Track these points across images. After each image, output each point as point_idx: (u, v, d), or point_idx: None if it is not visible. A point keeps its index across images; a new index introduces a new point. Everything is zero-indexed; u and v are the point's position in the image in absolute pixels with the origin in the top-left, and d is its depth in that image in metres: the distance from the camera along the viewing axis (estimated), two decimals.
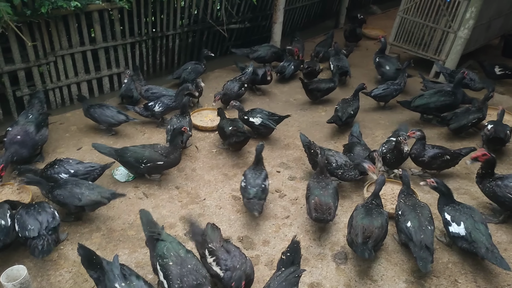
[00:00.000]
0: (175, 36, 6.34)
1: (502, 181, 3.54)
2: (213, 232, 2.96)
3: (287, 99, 6.03)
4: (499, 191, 3.54)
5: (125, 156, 3.92)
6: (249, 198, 3.60)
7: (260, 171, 3.80)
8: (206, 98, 5.83)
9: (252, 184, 3.66)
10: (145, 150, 3.95)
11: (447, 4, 6.26)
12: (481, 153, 3.65)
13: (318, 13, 9.35)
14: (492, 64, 6.69)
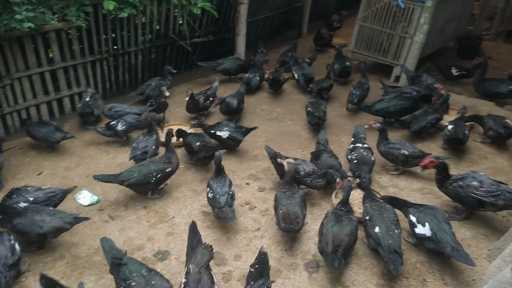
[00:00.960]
0: (137, 53, 6.27)
1: (463, 181, 3.66)
2: (202, 256, 2.85)
3: (254, 110, 6.06)
4: (462, 191, 3.65)
5: (132, 178, 3.83)
6: (221, 207, 3.58)
7: (224, 178, 3.81)
8: (172, 114, 5.77)
9: (220, 193, 3.66)
10: (149, 165, 3.95)
11: (402, 11, 6.50)
12: (428, 160, 3.77)
13: (281, 23, 9.51)
14: (448, 66, 6.99)
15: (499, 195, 3.49)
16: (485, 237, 3.67)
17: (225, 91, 6.61)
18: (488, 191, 3.52)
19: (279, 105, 6.24)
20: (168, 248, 3.52)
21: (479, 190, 3.55)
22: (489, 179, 3.65)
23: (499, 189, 3.52)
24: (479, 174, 3.74)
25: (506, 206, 3.51)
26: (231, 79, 6.97)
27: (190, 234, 3.11)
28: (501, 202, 3.49)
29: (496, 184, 3.60)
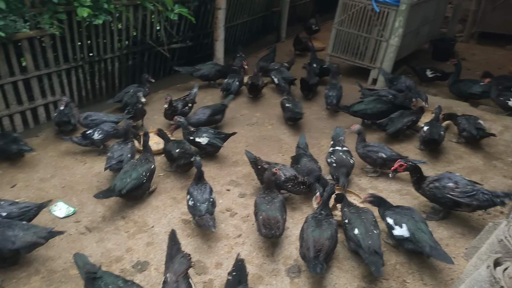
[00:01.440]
0: (114, 59, 6.18)
1: (439, 182, 3.73)
2: (180, 265, 2.81)
3: (233, 115, 6.04)
4: (438, 192, 3.72)
5: (128, 184, 3.82)
6: (202, 215, 3.55)
7: (204, 185, 3.78)
8: (151, 121, 5.70)
9: (201, 201, 3.63)
10: (135, 167, 3.99)
11: (378, 15, 6.62)
12: (397, 164, 3.82)
13: (259, 28, 9.54)
14: (423, 68, 7.14)
15: (474, 196, 3.56)
16: (462, 236, 3.74)
17: (205, 96, 6.60)
18: (464, 191, 3.60)
19: (259, 110, 6.24)
20: (147, 258, 3.46)
21: (454, 191, 3.62)
22: (464, 180, 3.72)
23: (474, 190, 3.59)
24: (455, 174, 3.81)
25: (480, 206, 3.58)
26: (210, 84, 6.94)
27: (170, 243, 3.07)
28: (475, 202, 3.57)
29: (471, 184, 3.68)
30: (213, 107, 5.44)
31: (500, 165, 4.77)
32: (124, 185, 3.81)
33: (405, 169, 3.85)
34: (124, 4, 5.75)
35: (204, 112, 5.34)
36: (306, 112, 6.17)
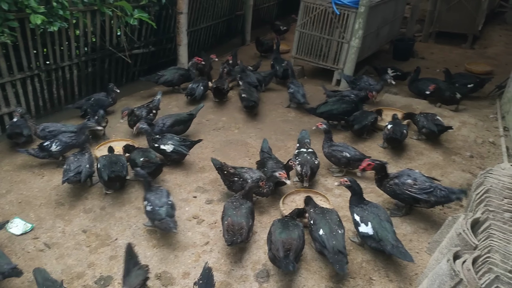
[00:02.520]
0: (72, 67, 5.97)
1: (398, 179, 3.82)
2: (136, 277, 2.76)
3: (199, 120, 5.96)
4: (398, 189, 3.81)
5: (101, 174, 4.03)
6: (162, 219, 3.51)
7: (160, 190, 3.74)
8: (113, 129, 5.54)
9: (159, 204, 3.59)
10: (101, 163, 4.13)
11: (338, 17, 6.74)
12: (366, 163, 3.90)
13: (224, 32, 9.51)
14: (384, 67, 7.31)
15: (432, 192, 3.68)
16: (425, 231, 3.84)
17: (169, 102, 6.50)
18: (422, 188, 3.70)
19: (225, 114, 6.20)
20: (111, 273, 3.34)
21: (413, 187, 3.72)
22: (423, 176, 3.83)
23: (431, 186, 3.71)
24: (414, 171, 3.92)
25: (438, 202, 3.71)
26: (174, 90, 6.83)
27: (126, 257, 2.97)
28: (433, 198, 3.68)
29: (429, 181, 3.79)
30: (176, 117, 5.28)
31: (459, 159, 4.95)
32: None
33: (373, 168, 3.93)
34: (80, 10, 5.57)
35: (164, 122, 5.20)
36: (272, 115, 6.21)
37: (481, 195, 3.32)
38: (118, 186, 4.25)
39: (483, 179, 3.54)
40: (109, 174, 3.99)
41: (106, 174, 3.99)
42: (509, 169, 3.67)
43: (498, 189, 3.34)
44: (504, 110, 6.02)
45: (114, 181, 4.12)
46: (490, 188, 3.34)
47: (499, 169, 3.70)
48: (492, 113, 6.11)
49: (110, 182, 4.10)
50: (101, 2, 5.67)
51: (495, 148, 5.15)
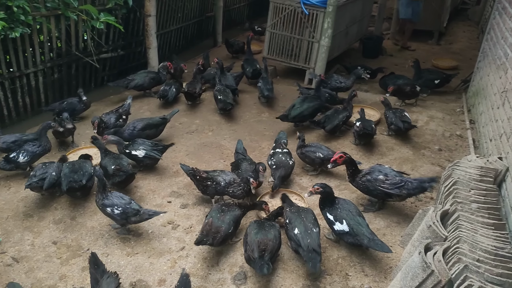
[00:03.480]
0: (37, 73, 5.77)
1: (370, 175, 3.89)
2: (107, 286, 2.70)
3: (172, 124, 5.87)
4: (370, 185, 3.88)
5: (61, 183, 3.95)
6: (138, 212, 3.55)
7: (113, 192, 3.73)
8: (83, 136, 5.39)
9: (127, 202, 3.62)
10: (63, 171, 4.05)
11: (307, 17, 6.80)
12: (338, 155, 3.93)
13: (195, 34, 9.43)
14: (355, 65, 7.44)
15: (403, 186, 3.76)
16: (398, 224, 3.92)
17: (141, 106, 6.38)
18: (393, 183, 3.78)
19: (198, 117, 6.15)
20: (83, 284, 3.24)
21: (385, 183, 3.79)
22: (393, 171, 3.91)
23: (402, 180, 3.79)
24: (384, 166, 4.00)
25: (409, 194, 3.79)
26: (146, 93, 6.72)
27: (92, 267, 2.90)
28: (405, 191, 3.77)
29: (399, 175, 3.88)
30: (148, 121, 5.18)
31: (428, 153, 5.08)
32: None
33: (344, 161, 3.95)
34: (43, 15, 5.39)
35: (135, 125, 5.09)
36: (246, 116, 6.20)
37: (449, 187, 3.42)
38: (80, 195, 4.12)
39: (450, 171, 3.65)
40: (66, 184, 3.88)
41: (65, 184, 3.88)
42: (475, 161, 3.81)
43: (465, 180, 3.45)
44: (470, 104, 6.23)
45: (74, 191, 4.00)
46: (457, 180, 3.45)
47: (466, 161, 3.83)
48: (459, 106, 6.31)
49: (69, 192, 3.99)
50: (65, 7, 5.51)
51: (462, 141, 5.31)
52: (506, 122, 3.99)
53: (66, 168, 4.06)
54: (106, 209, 3.60)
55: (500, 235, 2.88)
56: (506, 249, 2.75)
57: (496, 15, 5.98)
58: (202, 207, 4.19)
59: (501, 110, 4.32)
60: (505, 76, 4.47)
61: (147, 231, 3.82)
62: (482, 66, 6.06)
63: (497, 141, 4.17)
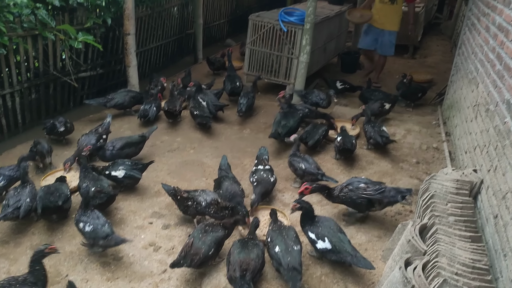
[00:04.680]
0: (13, 94, 5.67)
1: (351, 185, 3.96)
2: None
3: (153, 142, 5.84)
4: (354, 194, 3.94)
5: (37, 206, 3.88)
6: (108, 235, 3.50)
7: (93, 212, 3.69)
8: (61, 158, 5.28)
9: (101, 223, 3.58)
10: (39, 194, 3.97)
11: (286, 34, 6.93)
12: (303, 187, 3.89)
13: (175, 51, 9.46)
14: (334, 80, 7.59)
15: (384, 192, 3.87)
16: (379, 238, 3.97)
17: (121, 125, 6.33)
18: (375, 189, 3.90)
19: (180, 134, 6.13)
20: None
21: (367, 190, 3.89)
22: (370, 181, 4.06)
23: (382, 187, 3.92)
24: (360, 178, 4.13)
25: (389, 202, 3.91)
26: (126, 112, 6.67)
27: None
28: (386, 199, 3.87)
29: (378, 184, 4.01)
30: (127, 139, 5.15)
31: (406, 166, 5.19)
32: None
33: (312, 191, 3.95)
34: (20, 35, 5.33)
35: (114, 144, 5.05)
36: (227, 133, 6.22)
37: (426, 201, 3.50)
38: (56, 218, 4.04)
39: (428, 185, 3.73)
40: (42, 205, 3.81)
41: (40, 206, 3.81)
42: (451, 174, 3.91)
43: (442, 194, 3.54)
44: (445, 116, 6.41)
45: (50, 213, 3.93)
46: (434, 194, 3.53)
47: (442, 174, 3.93)
48: (434, 119, 6.49)
49: (45, 215, 3.91)
50: (42, 27, 5.47)
51: (439, 153, 5.45)
52: (479, 135, 4.12)
53: (41, 192, 3.97)
54: (79, 224, 3.60)
55: (477, 248, 2.95)
56: (483, 261, 2.82)
57: (466, 31, 6.23)
58: (185, 227, 4.15)
59: (474, 123, 4.47)
60: (477, 90, 4.63)
61: (127, 254, 3.75)
62: (455, 79, 6.27)
63: (471, 153, 4.30)
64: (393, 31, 7.54)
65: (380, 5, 7.43)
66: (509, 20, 3.71)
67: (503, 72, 3.63)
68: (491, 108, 3.86)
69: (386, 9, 7.35)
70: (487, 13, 4.82)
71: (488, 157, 3.65)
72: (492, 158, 3.52)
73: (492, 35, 4.33)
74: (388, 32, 7.52)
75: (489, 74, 4.14)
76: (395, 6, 7.34)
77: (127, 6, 6.30)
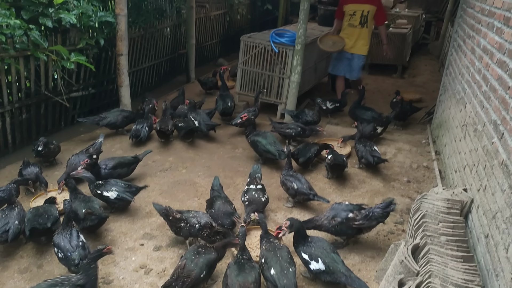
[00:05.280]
0: (4, 114, 5.63)
1: (339, 217, 3.90)
2: None
3: (145, 162, 5.80)
4: (344, 226, 3.90)
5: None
6: (76, 264, 3.43)
7: (69, 231, 3.65)
8: (51, 178, 5.22)
9: (70, 250, 3.50)
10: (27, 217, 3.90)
11: (277, 54, 7.05)
12: (276, 232, 3.73)
13: (167, 70, 9.53)
14: (324, 100, 7.67)
15: (372, 216, 3.87)
16: (372, 259, 3.96)
17: (113, 145, 6.30)
18: (364, 217, 3.86)
19: (172, 154, 6.12)
20: None
21: (357, 219, 3.86)
22: (354, 206, 4.01)
23: (368, 211, 3.90)
24: (344, 204, 4.07)
25: (378, 222, 3.92)
26: (118, 132, 6.65)
27: None
28: (374, 222, 3.88)
29: (360, 207, 4.00)
30: (120, 159, 5.12)
31: (398, 185, 5.23)
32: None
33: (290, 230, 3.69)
34: (12, 56, 5.34)
35: (107, 164, 5.02)
36: (220, 152, 6.22)
37: (418, 221, 3.52)
38: (45, 240, 3.95)
39: (419, 204, 3.76)
40: (30, 227, 3.75)
41: (28, 228, 3.75)
42: (442, 193, 3.95)
43: (433, 213, 3.56)
44: (434, 135, 6.51)
45: (38, 235, 3.86)
46: (426, 213, 3.55)
47: (433, 193, 3.96)
48: (424, 138, 6.58)
49: (33, 237, 3.84)
50: (34, 47, 5.48)
51: (429, 172, 5.51)
52: (468, 154, 4.19)
53: (29, 214, 3.91)
54: (54, 248, 3.59)
55: (469, 268, 2.96)
56: (475, 281, 2.82)
57: (453, 52, 6.40)
58: (176, 248, 4.11)
59: (463, 142, 4.55)
60: (465, 110, 4.73)
61: (118, 278, 3.68)
62: (444, 99, 6.40)
63: (461, 172, 4.36)
64: (362, 55, 7.43)
65: (350, 29, 7.28)
66: (493, 43, 3.83)
67: (489, 93, 3.73)
68: (479, 128, 3.94)
69: (356, 32, 7.23)
70: (472, 35, 4.98)
71: (477, 177, 3.70)
72: (481, 178, 3.57)
73: (477, 57, 4.46)
74: (357, 56, 7.39)
75: (476, 95, 4.25)
76: (365, 29, 7.21)
77: (120, 28, 6.37)
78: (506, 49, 3.40)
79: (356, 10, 7.16)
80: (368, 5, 7.08)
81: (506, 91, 3.24)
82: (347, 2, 7.19)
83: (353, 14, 7.18)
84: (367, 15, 7.12)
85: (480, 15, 4.64)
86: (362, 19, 7.15)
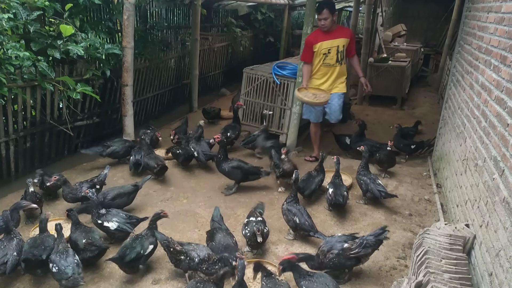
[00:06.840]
0: (8, 143, 5.70)
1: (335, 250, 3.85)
2: None
3: (146, 191, 5.82)
4: (342, 258, 3.84)
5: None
6: (69, 277, 3.49)
7: (66, 250, 3.71)
8: (51, 207, 5.23)
9: (65, 264, 3.55)
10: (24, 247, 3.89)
11: (279, 86, 7.18)
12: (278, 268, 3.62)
13: (171, 100, 9.69)
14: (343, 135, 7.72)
15: (366, 244, 3.83)
16: None
17: (114, 174, 6.32)
18: (358, 245, 3.83)
19: (173, 184, 6.12)
20: None
21: (352, 249, 3.83)
22: (347, 236, 4.00)
23: (362, 240, 3.87)
24: (337, 236, 4.05)
25: (374, 249, 3.88)
26: (120, 161, 6.69)
27: None
28: (369, 249, 3.84)
29: (353, 236, 3.99)
30: (120, 190, 5.13)
31: (399, 218, 5.20)
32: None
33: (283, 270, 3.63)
34: (19, 86, 5.46)
35: (106, 195, 5.02)
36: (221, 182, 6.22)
37: (421, 257, 3.48)
38: (41, 273, 3.84)
39: (421, 240, 3.73)
40: (23, 260, 3.71)
41: (21, 261, 3.72)
42: (444, 229, 3.92)
43: (436, 249, 3.53)
44: (435, 168, 6.52)
45: (32, 267, 3.78)
46: (428, 249, 3.52)
47: (435, 228, 3.94)
48: (425, 170, 6.59)
49: (28, 269, 3.80)
50: (42, 78, 5.61)
51: (431, 205, 5.49)
52: (470, 189, 4.19)
53: (26, 244, 3.87)
54: (50, 264, 3.64)
55: None
56: None
57: (452, 86, 6.51)
58: (175, 282, 4.05)
59: (464, 176, 4.56)
60: (465, 144, 4.77)
61: None
62: (444, 132, 6.45)
63: (463, 207, 4.34)
64: (342, 93, 6.72)
65: (325, 69, 6.46)
66: (491, 80, 3.91)
67: (488, 129, 3.77)
68: (479, 163, 3.96)
69: (335, 71, 6.48)
70: (470, 71, 5.08)
71: (479, 212, 3.69)
72: (483, 214, 3.56)
73: (476, 93, 4.54)
74: (337, 95, 6.63)
75: (476, 130, 4.29)
76: (344, 65, 6.53)
77: (126, 59, 6.53)
78: (504, 87, 3.47)
79: (330, 48, 6.30)
80: (342, 39, 6.32)
81: (505, 128, 3.28)
82: (317, 40, 6.29)
83: (327, 52, 6.34)
84: (343, 50, 6.37)
85: (478, 52, 4.76)
86: (338, 56, 6.37)
